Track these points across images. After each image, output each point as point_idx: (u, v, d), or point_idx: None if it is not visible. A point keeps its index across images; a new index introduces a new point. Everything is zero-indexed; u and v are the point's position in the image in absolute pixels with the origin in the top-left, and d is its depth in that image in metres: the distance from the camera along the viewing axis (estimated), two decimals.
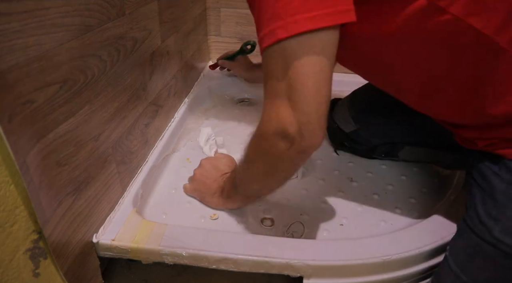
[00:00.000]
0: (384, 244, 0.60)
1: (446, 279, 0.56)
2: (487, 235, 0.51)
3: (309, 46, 0.40)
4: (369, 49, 0.51)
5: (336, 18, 0.40)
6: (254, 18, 0.45)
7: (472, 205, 0.54)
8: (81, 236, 0.55)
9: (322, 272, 0.58)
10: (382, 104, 0.78)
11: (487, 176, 0.53)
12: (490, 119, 0.51)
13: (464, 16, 0.42)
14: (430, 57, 0.48)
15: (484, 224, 0.51)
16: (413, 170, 0.84)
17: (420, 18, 0.44)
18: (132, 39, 0.64)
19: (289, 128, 0.44)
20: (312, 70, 0.41)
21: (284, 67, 0.42)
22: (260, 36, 0.43)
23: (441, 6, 0.42)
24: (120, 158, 0.65)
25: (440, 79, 0.50)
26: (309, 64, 0.41)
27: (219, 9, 1.21)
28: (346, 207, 0.74)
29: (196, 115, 1.04)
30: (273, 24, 0.40)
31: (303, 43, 0.40)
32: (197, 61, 1.13)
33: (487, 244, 0.51)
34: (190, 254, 0.58)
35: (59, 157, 0.47)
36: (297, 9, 0.39)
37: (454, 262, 0.55)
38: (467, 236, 0.54)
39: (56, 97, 0.45)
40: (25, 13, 0.38)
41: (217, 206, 0.71)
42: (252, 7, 0.46)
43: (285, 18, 0.39)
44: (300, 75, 0.41)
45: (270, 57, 0.43)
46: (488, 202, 0.52)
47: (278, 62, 0.42)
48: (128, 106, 0.65)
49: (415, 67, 0.50)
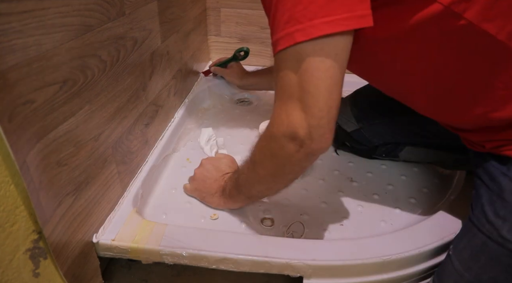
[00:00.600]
0: (384, 244, 0.60)
1: (449, 278, 0.56)
2: (494, 234, 0.51)
3: (324, 50, 0.41)
4: (380, 52, 0.51)
5: (354, 22, 0.40)
6: (269, 20, 0.45)
7: (479, 205, 0.54)
8: (81, 236, 0.55)
9: (322, 272, 0.58)
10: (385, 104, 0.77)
11: (495, 176, 0.53)
12: (499, 122, 0.51)
13: (478, 21, 0.43)
14: (442, 61, 0.48)
15: (492, 223, 0.52)
16: (413, 170, 0.84)
17: (435, 23, 0.44)
18: (132, 39, 0.64)
19: (300, 130, 0.44)
20: (326, 74, 0.42)
21: (298, 70, 0.42)
22: (275, 38, 0.43)
23: (457, 11, 0.42)
24: (120, 158, 0.65)
25: (450, 83, 0.51)
26: (323, 68, 0.42)
27: (219, 9, 1.21)
28: (346, 207, 0.74)
29: (196, 115, 1.04)
30: (290, 27, 0.41)
31: (319, 47, 0.41)
32: (197, 61, 1.13)
33: (494, 243, 0.51)
34: (190, 254, 0.58)
35: (59, 157, 0.47)
36: (315, 13, 0.39)
37: (458, 260, 0.55)
38: (473, 235, 0.54)
39: (56, 97, 0.45)
40: (25, 13, 0.38)
41: (218, 206, 0.71)
42: (267, 9, 0.46)
43: (304, 22, 0.40)
44: (314, 79, 0.42)
45: (284, 60, 0.43)
46: (497, 202, 0.52)
47: (292, 65, 0.43)
48: (128, 106, 0.65)
49: (426, 71, 0.51)
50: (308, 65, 0.41)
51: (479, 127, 0.55)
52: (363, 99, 0.83)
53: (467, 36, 0.44)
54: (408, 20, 0.45)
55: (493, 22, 0.43)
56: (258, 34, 1.23)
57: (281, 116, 0.46)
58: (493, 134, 0.53)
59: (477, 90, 0.50)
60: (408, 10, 0.44)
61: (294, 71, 0.43)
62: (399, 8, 0.45)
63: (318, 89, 0.42)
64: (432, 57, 0.48)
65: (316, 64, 0.41)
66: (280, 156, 0.49)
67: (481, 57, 0.46)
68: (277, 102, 0.47)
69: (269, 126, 0.50)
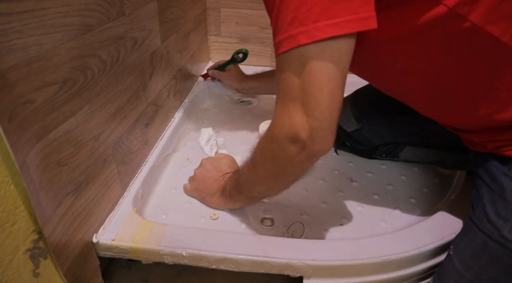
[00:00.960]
0: (384, 244, 0.60)
1: (449, 278, 0.56)
2: (496, 234, 0.51)
3: (327, 52, 0.41)
4: (383, 54, 0.51)
5: (358, 25, 0.40)
6: (271, 20, 0.45)
7: (480, 205, 0.54)
8: (81, 236, 0.55)
9: (322, 272, 0.58)
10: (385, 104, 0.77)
11: (496, 176, 0.53)
12: (501, 123, 0.51)
13: (483, 24, 0.43)
14: (442, 61, 0.48)
15: (493, 223, 0.52)
16: (413, 170, 0.84)
17: (439, 24, 0.44)
18: (132, 39, 0.64)
19: (301, 133, 0.44)
20: (329, 77, 0.42)
21: (300, 73, 0.42)
22: (278, 39, 0.43)
23: (461, 13, 0.42)
24: (120, 158, 0.65)
25: (450, 83, 0.51)
26: (327, 71, 0.41)
27: (219, 9, 1.21)
28: (346, 207, 0.74)
29: (196, 115, 1.04)
30: (294, 29, 0.41)
31: (322, 50, 0.41)
32: (197, 61, 1.13)
33: (495, 243, 0.51)
34: (190, 254, 0.58)
35: (59, 157, 0.47)
36: (320, 15, 0.39)
37: (458, 260, 0.55)
38: (473, 235, 0.54)
39: (56, 97, 0.45)
40: (25, 13, 0.38)
41: (218, 206, 0.71)
42: (269, 10, 0.46)
43: (308, 24, 0.40)
44: (317, 82, 0.42)
45: (287, 62, 0.43)
46: (498, 202, 0.52)
47: (295, 67, 0.42)
48: (128, 106, 0.65)
49: (426, 71, 0.51)
50: (311, 67, 0.41)
51: (481, 128, 0.55)
52: (363, 99, 0.83)
53: (470, 38, 0.44)
54: (412, 21, 0.45)
55: (497, 24, 0.43)
56: (258, 34, 1.23)
57: (283, 118, 0.46)
58: (495, 134, 0.53)
59: (478, 91, 0.50)
60: (412, 12, 0.44)
61: (296, 74, 0.43)
62: (403, 10, 0.45)
63: (321, 92, 0.42)
64: (433, 57, 0.48)
65: (319, 66, 0.41)
66: (281, 158, 0.49)
67: (482, 58, 0.46)
68: (279, 104, 0.47)
69: (270, 127, 0.50)
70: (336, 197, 0.76)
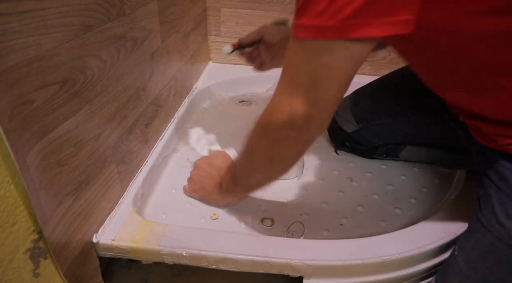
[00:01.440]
0: (384, 244, 0.60)
1: (453, 278, 0.56)
2: (505, 235, 0.51)
3: (351, 50, 0.39)
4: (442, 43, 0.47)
5: (394, 28, 0.37)
6: None
7: (489, 206, 0.53)
8: (81, 236, 0.55)
9: (322, 272, 0.58)
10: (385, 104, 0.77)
11: (506, 177, 0.52)
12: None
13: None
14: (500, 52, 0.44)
15: (502, 224, 0.51)
16: (413, 170, 0.84)
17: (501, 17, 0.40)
18: (132, 39, 0.64)
19: (300, 119, 0.45)
20: (343, 74, 0.42)
21: (316, 62, 0.41)
22: (301, 22, 0.39)
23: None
24: (120, 158, 0.65)
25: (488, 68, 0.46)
26: (344, 67, 0.41)
27: (219, 9, 1.21)
28: (346, 207, 0.74)
29: (196, 115, 1.04)
30: (324, 21, 0.37)
31: (347, 46, 0.39)
32: (197, 61, 1.13)
33: (503, 244, 0.51)
34: (190, 254, 0.58)
35: (59, 157, 0.47)
36: (355, 12, 0.36)
37: (464, 261, 0.55)
38: (481, 235, 0.54)
39: (56, 97, 0.45)
40: (25, 13, 0.38)
41: (217, 202, 0.71)
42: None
43: (340, 19, 0.36)
44: (330, 76, 0.41)
45: (305, 48, 0.41)
46: (507, 203, 0.51)
47: (312, 56, 0.41)
48: (128, 106, 0.65)
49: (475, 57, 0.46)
50: (330, 62, 0.40)
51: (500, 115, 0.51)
52: (363, 100, 0.83)
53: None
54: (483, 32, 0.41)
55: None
56: None
57: (283, 103, 0.45)
58: (508, 129, 0.51)
59: None
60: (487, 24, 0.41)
61: (311, 62, 0.41)
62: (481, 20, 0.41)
63: (331, 86, 0.42)
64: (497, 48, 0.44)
65: (338, 62, 0.40)
66: (276, 143, 0.50)
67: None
68: (281, 88, 0.46)
69: (267, 111, 0.48)
70: (336, 197, 0.76)
